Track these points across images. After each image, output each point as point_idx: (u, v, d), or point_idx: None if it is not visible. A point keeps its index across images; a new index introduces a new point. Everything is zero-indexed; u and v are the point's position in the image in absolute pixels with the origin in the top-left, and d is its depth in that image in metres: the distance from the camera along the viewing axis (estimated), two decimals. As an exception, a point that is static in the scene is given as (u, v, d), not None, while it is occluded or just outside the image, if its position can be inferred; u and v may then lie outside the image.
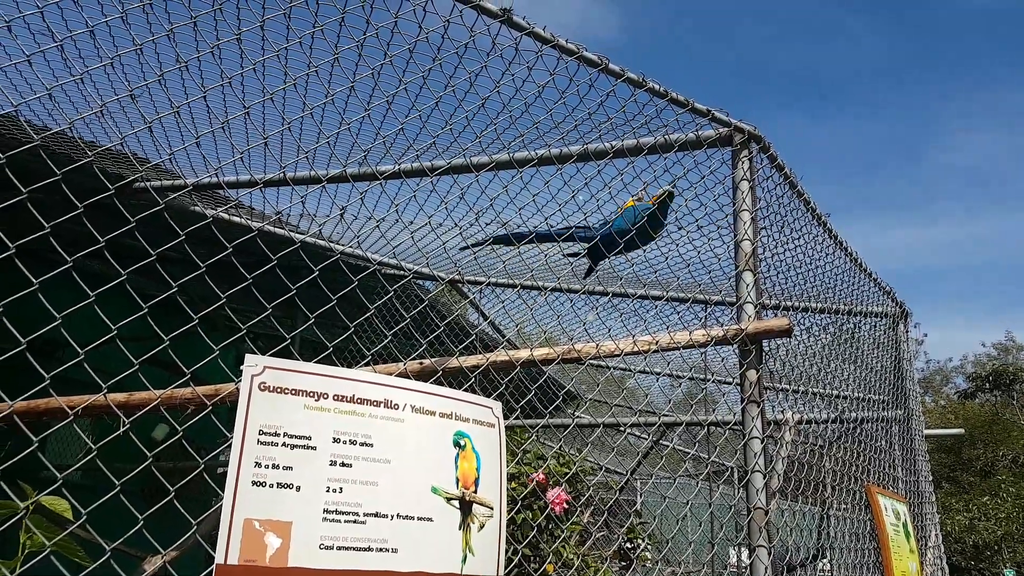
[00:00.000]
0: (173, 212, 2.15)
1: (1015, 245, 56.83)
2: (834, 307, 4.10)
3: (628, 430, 6.34)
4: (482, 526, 1.89)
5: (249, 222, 5.27)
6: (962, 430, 6.31)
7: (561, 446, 5.77)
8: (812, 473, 4.15)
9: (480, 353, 2.76)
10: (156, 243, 2.14)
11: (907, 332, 4.86)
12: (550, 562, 4.22)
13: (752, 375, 2.70)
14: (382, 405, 1.80)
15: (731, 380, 5.07)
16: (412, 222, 4.51)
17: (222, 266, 2.10)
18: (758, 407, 2.66)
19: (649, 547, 5.19)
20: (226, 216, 5.16)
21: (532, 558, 4.21)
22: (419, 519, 1.78)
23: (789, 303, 3.57)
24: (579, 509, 4.42)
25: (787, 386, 4.03)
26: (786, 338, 2.79)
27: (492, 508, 1.93)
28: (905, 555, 3.49)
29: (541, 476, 4.50)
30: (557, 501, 4.37)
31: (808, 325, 3.82)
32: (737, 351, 2.77)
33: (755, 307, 2.78)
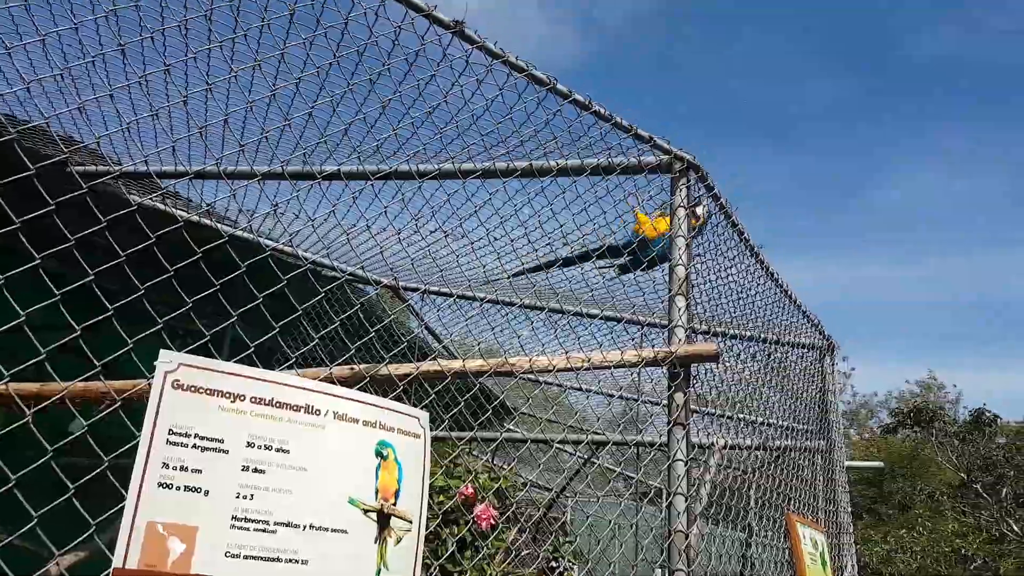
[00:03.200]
0: (104, 198, 2.07)
1: (942, 286, 59.14)
2: (763, 336, 4.19)
3: (559, 447, 6.35)
4: (399, 540, 1.85)
5: (176, 211, 5.14)
6: (881, 463, 6.50)
7: (492, 460, 5.73)
8: (736, 499, 4.22)
9: (415, 362, 2.73)
10: (94, 234, 2.06)
11: (833, 365, 4.99)
12: (473, 578, 4.19)
13: (679, 398, 2.73)
14: (303, 410, 1.76)
15: (661, 402, 5.13)
16: (354, 225, 4.47)
17: (156, 260, 2.03)
18: (684, 429, 2.69)
19: (574, 566, 5.19)
20: (162, 207, 5.02)
21: (453, 574, 4.16)
22: (333, 531, 1.74)
23: (719, 329, 3.63)
24: (502, 526, 4.39)
25: (715, 411, 4.09)
26: (713, 363, 2.82)
27: (411, 522, 1.89)
28: (820, 583, 3.56)
29: (470, 490, 4.46)
30: (484, 516, 4.34)
31: (737, 352, 3.89)
32: (666, 373, 2.79)
33: (685, 331, 2.82)
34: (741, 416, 4.70)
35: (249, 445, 1.66)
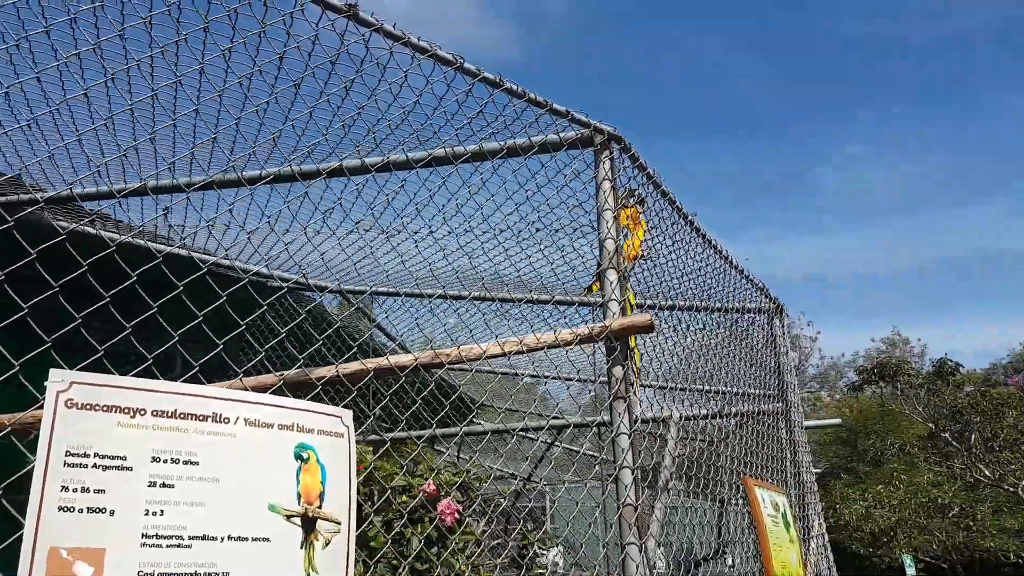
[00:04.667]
0: (28, 227, 1.98)
1: (903, 251, 60.34)
2: (705, 304, 4.19)
3: (521, 435, 6.32)
4: (327, 543, 1.80)
5: (105, 234, 5.01)
6: (839, 420, 6.56)
7: (456, 454, 5.69)
8: (703, 469, 4.22)
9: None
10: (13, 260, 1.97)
11: (783, 327, 5.02)
12: (438, 574, 4.14)
13: (618, 371, 2.71)
14: (209, 419, 1.69)
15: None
16: (287, 231, 4.38)
17: (85, 284, 1.96)
18: (624, 403, 2.66)
19: (547, 552, 5.18)
20: (92, 231, 4.89)
21: (424, 572, 4.11)
22: (254, 540, 1.68)
23: (657, 302, 3.61)
24: (468, 519, 4.34)
25: (665, 384, 4.09)
26: (649, 334, 2.81)
27: (339, 523, 1.84)
28: (785, 545, 3.57)
29: (432, 487, 4.42)
30: (448, 512, 4.30)
31: (677, 322, 3.88)
32: (603, 349, 2.77)
33: (619, 304, 2.79)
34: (695, 387, 4.72)
35: (154, 460, 1.60)
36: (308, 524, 1.78)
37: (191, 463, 1.64)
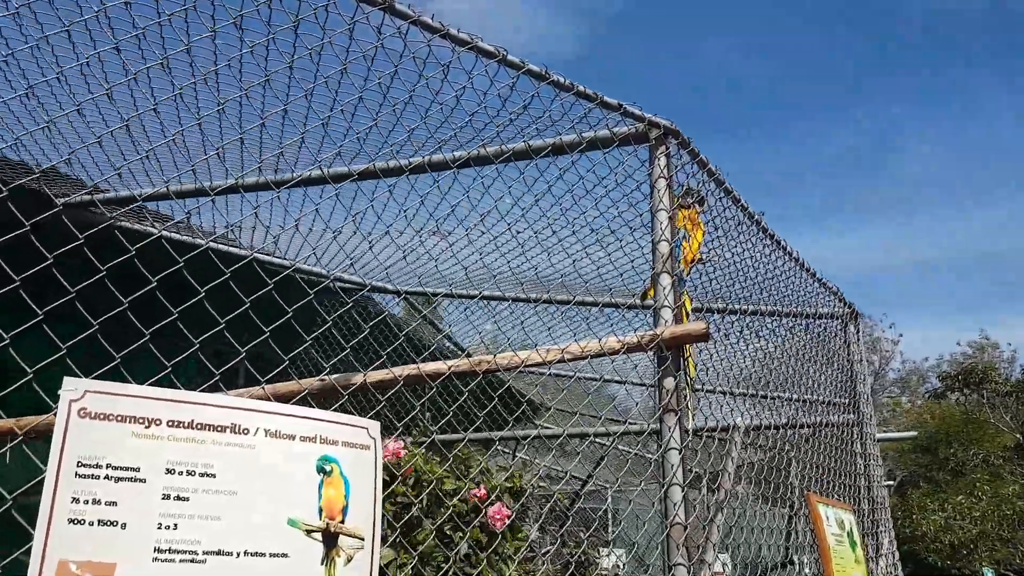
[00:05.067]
0: (78, 225, 1.98)
1: (994, 243, 57.28)
2: (772, 309, 3.98)
3: (577, 436, 6.19)
4: (350, 559, 1.72)
5: (181, 236, 5.09)
6: (915, 433, 6.19)
7: (511, 456, 5.60)
8: (772, 473, 4.02)
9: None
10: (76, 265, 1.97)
11: (858, 334, 4.75)
12: (492, 581, 4.05)
13: (669, 383, 2.56)
14: (228, 430, 1.63)
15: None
16: (337, 232, 4.36)
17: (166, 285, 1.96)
18: (676, 416, 2.51)
19: (605, 558, 5.04)
20: (172, 233, 4.99)
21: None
22: (272, 555, 1.61)
23: (720, 305, 3.44)
24: (520, 524, 4.23)
25: (729, 390, 3.90)
26: (704, 343, 2.64)
27: (363, 539, 1.76)
28: (850, 565, 3.35)
29: (482, 492, 4.33)
30: (497, 516, 4.20)
31: (742, 328, 3.69)
32: (654, 358, 2.62)
33: (672, 311, 2.64)
34: (762, 393, 4.51)
35: (169, 472, 1.54)
36: (330, 540, 1.70)
37: (207, 475, 1.58)
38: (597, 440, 7.39)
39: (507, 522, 4.23)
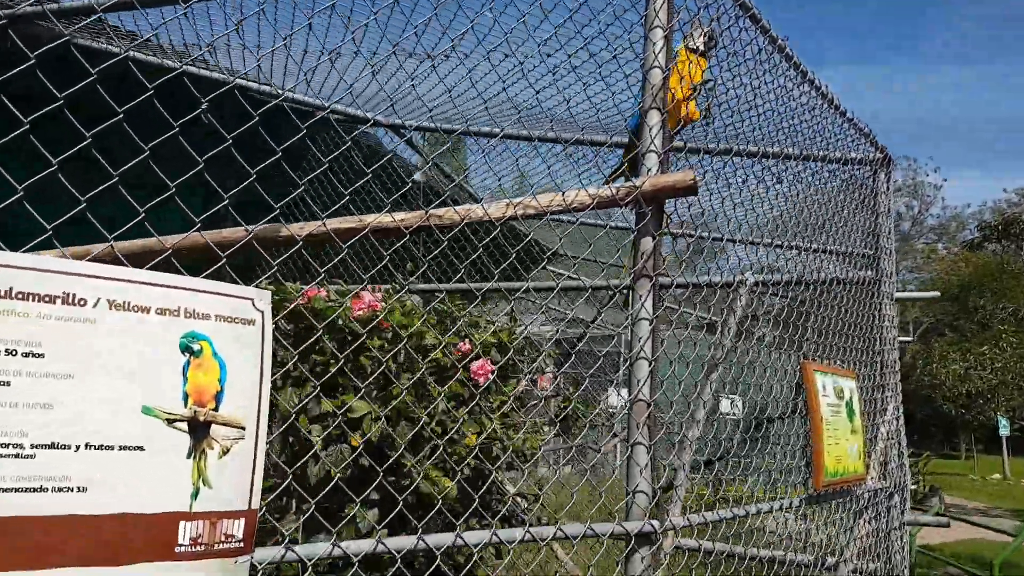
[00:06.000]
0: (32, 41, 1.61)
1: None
2: (787, 152, 3.53)
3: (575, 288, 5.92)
4: (226, 451, 1.46)
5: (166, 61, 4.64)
6: (937, 293, 5.79)
7: (507, 307, 5.37)
8: (786, 329, 3.74)
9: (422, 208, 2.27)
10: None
11: (888, 182, 4.28)
12: (473, 433, 3.92)
13: (646, 243, 2.19)
14: (59, 301, 1.32)
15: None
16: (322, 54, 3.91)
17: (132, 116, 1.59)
18: (651, 282, 2.17)
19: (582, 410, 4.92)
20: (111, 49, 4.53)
21: (449, 432, 3.89)
22: (121, 448, 1.35)
23: (728, 146, 3.01)
24: (501, 376, 4.04)
25: (733, 239, 3.55)
26: (691, 196, 2.25)
27: (244, 428, 1.50)
28: (845, 437, 3.12)
29: (466, 346, 4.12)
30: (481, 371, 4.02)
31: (748, 174, 3.28)
32: (632, 213, 2.25)
33: (659, 156, 2.23)
34: (777, 243, 4.15)
35: (-21, 352, 1.26)
36: (199, 430, 1.44)
37: (33, 355, 1.29)
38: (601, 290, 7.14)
39: (491, 377, 4.05)
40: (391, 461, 2.52)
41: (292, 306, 2.74)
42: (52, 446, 1.29)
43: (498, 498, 3.85)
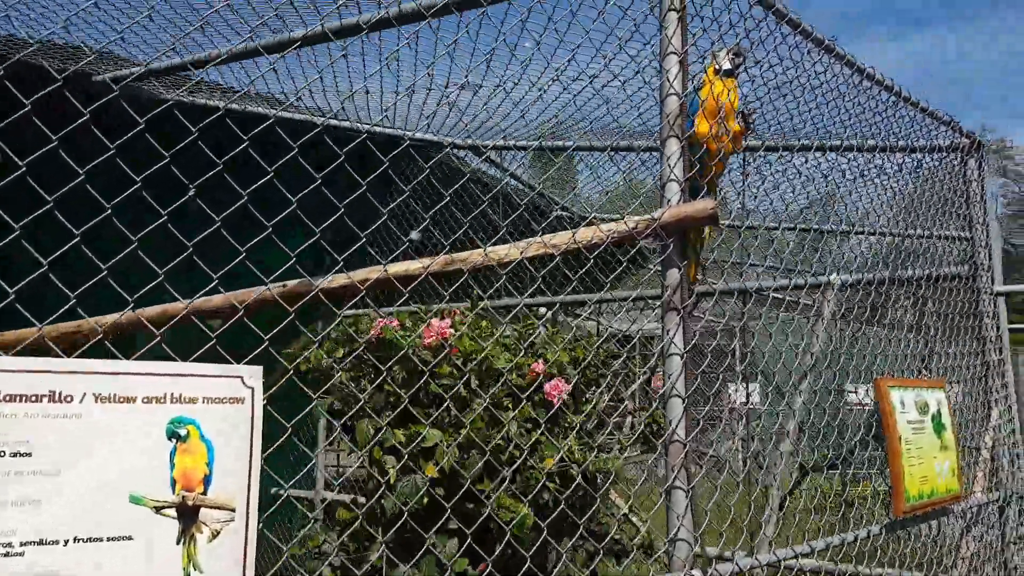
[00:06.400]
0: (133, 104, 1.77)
1: None
2: (856, 144, 3.30)
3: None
4: (216, 533, 1.48)
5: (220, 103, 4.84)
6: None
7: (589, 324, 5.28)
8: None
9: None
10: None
11: (980, 169, 3.92)
12: (549, 456, 3.85)
13: (672, 276, 2.08)
14: (46, 399, 1.37)
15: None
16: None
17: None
18: (678, 316, 2.06)
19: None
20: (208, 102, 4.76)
21: (529, 456, 3.84)
22: (110, 540, 1.39)
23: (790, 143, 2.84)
24: (575, 393, 3.94)
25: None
26: (712, 226, 2.12)
27: (234, 509, 1.51)
28: (931, 455, 2.87)
29: (540, 366, 4.05)
30: (553, 392, 3.94)
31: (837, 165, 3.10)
32: (657, 247, 2.14)
33: (680, 186, 2.12)
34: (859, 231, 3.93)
35: (-32, 456, 1.32)
36: (188, 515, 1.46)
37: (20, 455, 1.34)
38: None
39: (563, 396, 3.96)
40: (463, 490, 2.52)
41: (365, 340, 2.84)
42: (41, 543, 1.34)
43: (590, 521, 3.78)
